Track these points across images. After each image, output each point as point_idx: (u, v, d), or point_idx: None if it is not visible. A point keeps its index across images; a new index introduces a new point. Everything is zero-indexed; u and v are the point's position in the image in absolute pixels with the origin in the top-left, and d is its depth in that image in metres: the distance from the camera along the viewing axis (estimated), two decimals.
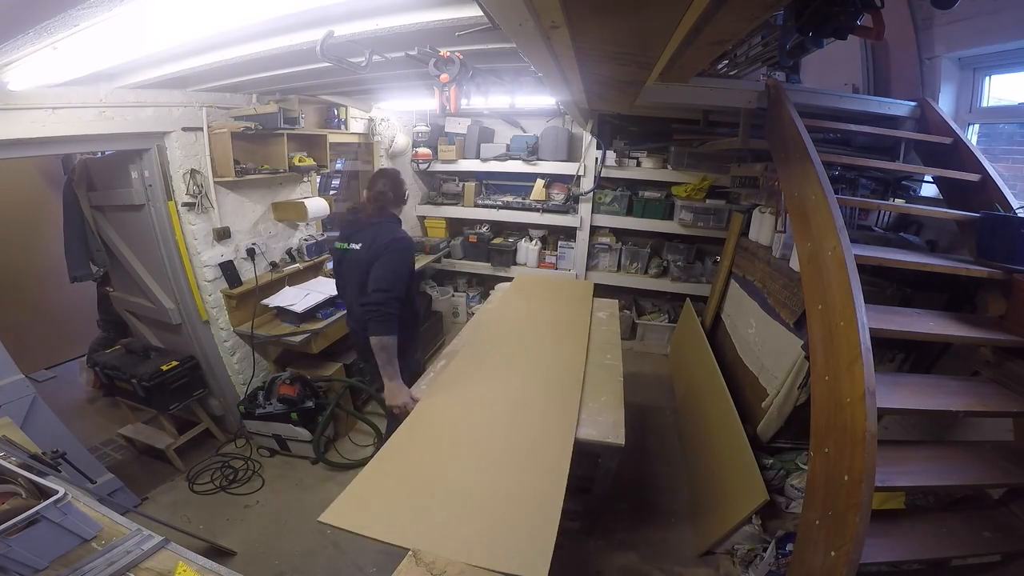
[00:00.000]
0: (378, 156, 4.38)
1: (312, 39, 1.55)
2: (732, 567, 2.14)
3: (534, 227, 4.74)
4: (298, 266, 3.32)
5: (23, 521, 1.04)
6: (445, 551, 1.17)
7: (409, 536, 1.22)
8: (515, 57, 1.70)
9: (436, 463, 1.54)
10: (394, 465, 1.52)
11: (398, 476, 1.47)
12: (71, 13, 1.13)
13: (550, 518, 1.29)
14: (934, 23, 2.44)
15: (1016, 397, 1.73)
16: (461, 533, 1.24)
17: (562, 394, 1.93)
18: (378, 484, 1.43)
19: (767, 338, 2.72)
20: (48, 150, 2.26)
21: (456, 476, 1.47)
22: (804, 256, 1.89)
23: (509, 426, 1.74)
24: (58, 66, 1.71)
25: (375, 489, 1.41)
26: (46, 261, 3.62)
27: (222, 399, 3.07)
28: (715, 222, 3.94)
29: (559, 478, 1.44)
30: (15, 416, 1.91)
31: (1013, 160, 2.43)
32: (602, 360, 2.27)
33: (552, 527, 1.26)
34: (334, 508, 1.33)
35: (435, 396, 1.93)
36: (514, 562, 1.15)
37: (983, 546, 1.66)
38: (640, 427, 3.18)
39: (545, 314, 2.81)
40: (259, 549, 2.27)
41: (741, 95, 2.43)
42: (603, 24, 1.17)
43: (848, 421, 1.43)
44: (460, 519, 1.29)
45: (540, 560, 1.16)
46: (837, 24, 1.40)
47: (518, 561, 1.16)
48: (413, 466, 1.51)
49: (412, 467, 1.51)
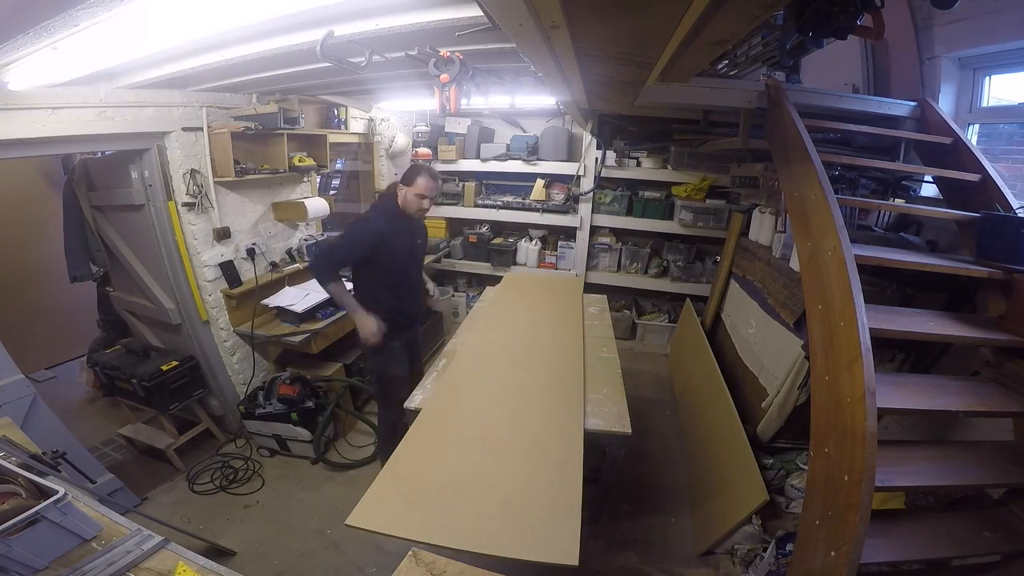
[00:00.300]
0: (378, 156, 4.38)
1: (312, 39, 1.55)
2: (732, 567, 2.14)
3: (534, 227, 4.73)
4: (298, 266, 3.32)
5: (23, 521, 1.04)
6: (474, 547, 1.20)
7: (436, 533, 1.23)
8: (515, 57, 1.70)
9: (451, 460, 1.55)
10: (410, 465, 1.53)
11: (416, 476, 1.48)
12: (71, 13, 1.14)
13: (572, 506, 1.32)
14: (934, 23, 2.44)
15: (1016, 397, 1.73)
16: (487, 528, 1.26)
17: (566, 387, 1.96)
18: (397, 485, 1.44)
19: (767, 338, 2.72)
20: (48, 150, 2.26)
21: (473, 472, 1.48)
22: (804, 256, 1.89)
23: (518, 420, 1.76)
24: (58, 66, 1.71)
25: (395, 490, 1.42)
26: (46, 261, 3.62)
27: (222, 399, 3.07)
28: (715, 222, 3.94)
29: (575, 467, 1.47)
30: (15, 416, 1.90)
31: (1013, 160, 2.43)
32: (599, 354, 2.31)
33: (575, 515, 1.29)
34: (359, 511, 1.32)
35: (441, 395, 1.93)
36: (546, 551, 1.18)
37: (983, 546, 1.66)
38: (640, 427, 3.16)
39: (539, 310, 2.86)
40: (259, 549, 2.27)
41: (741, 95, 2.43)
42: (603, 24, 1.17)
43: (848, 421, 1.43)
44: (483, 514, 1.31)
45: (569, 546, 1.19)
46: (837, 24, 1.40)
47: (549, 550, 1.19)
48: (429, 465, 1.52)
49: (428, 466, 1.52)
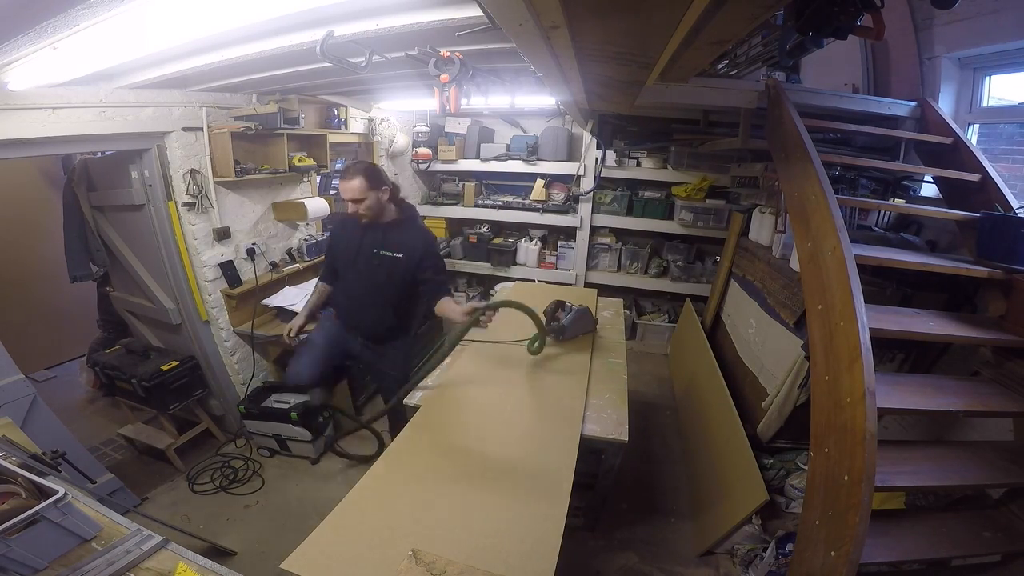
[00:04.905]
0: (378, 156, 4.38)
1: (312, 39, 1.55)
2: (732, 567, 2.14)
3: (534, 227, 4.73)
4: (298, 266, 3.32)
5: (23, 521, 1.03)
6: (449, 551, 1.17)
7: (409, 538, 1.22)
8: (515, 57, 1.70)
9: (444, 461, 1.55)
10: (405, 461, 1.54)
11: (407, 474, 1.48)
12: (71, 13, 1.13)
13: (553, 531, 1.26)
14: (934, 23, 2.44)
15: (1016, 397, 1.73)
16: (468, 540, 1.24)
17: (568, 392, 1.94)
18: (389, 480, 1.46)
19: (767, 338, 2.72)
20: (48, 150, 2.26)
21: (461, 475, 1.48)
22: (804, 256, 1.89)
23: (515, 425, 1.75)
24: (58, 66, 1.71)
25: (386, 485, 1.43)
26: (46, 261, 3.62)
27: (222, 399, 3.07)
28: (715, 222, 3.94)
29: (561, 501, 1.39)
30: (15, 416, 1.90)
31: (1013, 160, 2.43)
32: (606, 358, 2.28)
33: (556, 540, 1.24)
34: (353, 494, 1.35)
35: (442, 394, 1.93)
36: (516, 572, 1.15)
37: (983, 546, 1.66)
38: (640, 427, 3.18)
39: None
40: (259, 549, 2.26)
41: (741, 95, 2.43)
42: (603, 24, 1.17)
43: (848, 421, 1.43)
44: (463, 524, 1.29)
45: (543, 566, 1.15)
46: (837, 24, 1.40)
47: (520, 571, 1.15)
48: (423, 466, 1.52)
49: (422, 466, 1.52)
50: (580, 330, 2.44)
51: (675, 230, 4.12)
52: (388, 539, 1.22)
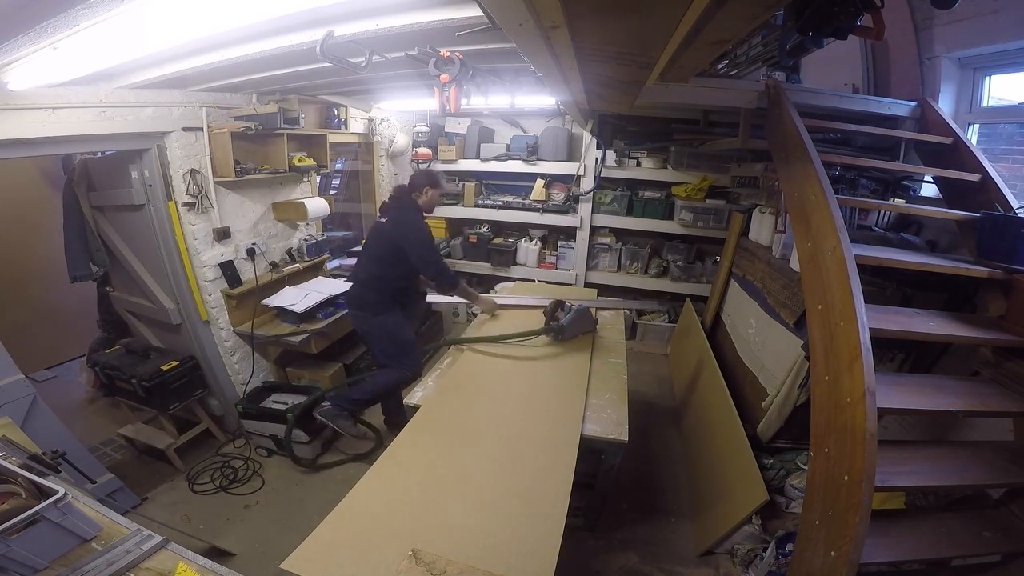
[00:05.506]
0: (378, 156, 4.38)
1: (312, 39, 1.55)
2: (732, 567, 2.14)
3: (534, 227, 4.73)
4: (298, 266, 3.32)
5: (23, 521, 1.03)
6: (449, 552, 1.17)
7: (409, 538, 1.22)
8: (515, 57, 1.70)
9: (443, 461, 1.55)
10: (404, 461, 1.54)
11: (406, 474, 1.49)
12: (71, 13, 1.14)
13: (553, 531, 1.27)
14: (934, 23, 2.44)
15: (1016, 397, 1.73)
16: (468, 540, 1.24)
17: (568, 392, 1.95)
18: (391, 477, 1.46)
19: (767, 338, 2.72)
20: (48, 150, 2.26)
21: (462, 474, 1.48)
22: (804, 256, 1.88)
23: (514, 424, 1.75)
24: (58, 66, 1.71)
25: (386, 485, 1.43)
26: (46, 261, 3.61)
27: (222, 399, 3.07)
28: (715, 222, 3.94)
29: (561, 500, 1.39)
30: (15, 416, 1.90)
31: (1013, 160, 2.43)
32: (607, 358, 2.29)
33: (556, 539, 1.25)
34: (353, 494, 1.34)
35: (442, 394, 1.93)
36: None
37: (983, 546, 1.66)
38: (640, 427, 3.17)
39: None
40: (259, 549, 2.26)
41: (741, 95, 2.43)
42: (603, 24, 1.17)
43: (848, 421, 1.43)
44: (463, 524, 1.29)
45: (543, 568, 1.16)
46: (837, 24, 1.40)
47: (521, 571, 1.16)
48: (423, 466, 1.53)
49: (421, 466, 1.52)
50: (580, 330, 2.44)
51: (675, 230, 4.12)
52: (388, 539, 1.22)
